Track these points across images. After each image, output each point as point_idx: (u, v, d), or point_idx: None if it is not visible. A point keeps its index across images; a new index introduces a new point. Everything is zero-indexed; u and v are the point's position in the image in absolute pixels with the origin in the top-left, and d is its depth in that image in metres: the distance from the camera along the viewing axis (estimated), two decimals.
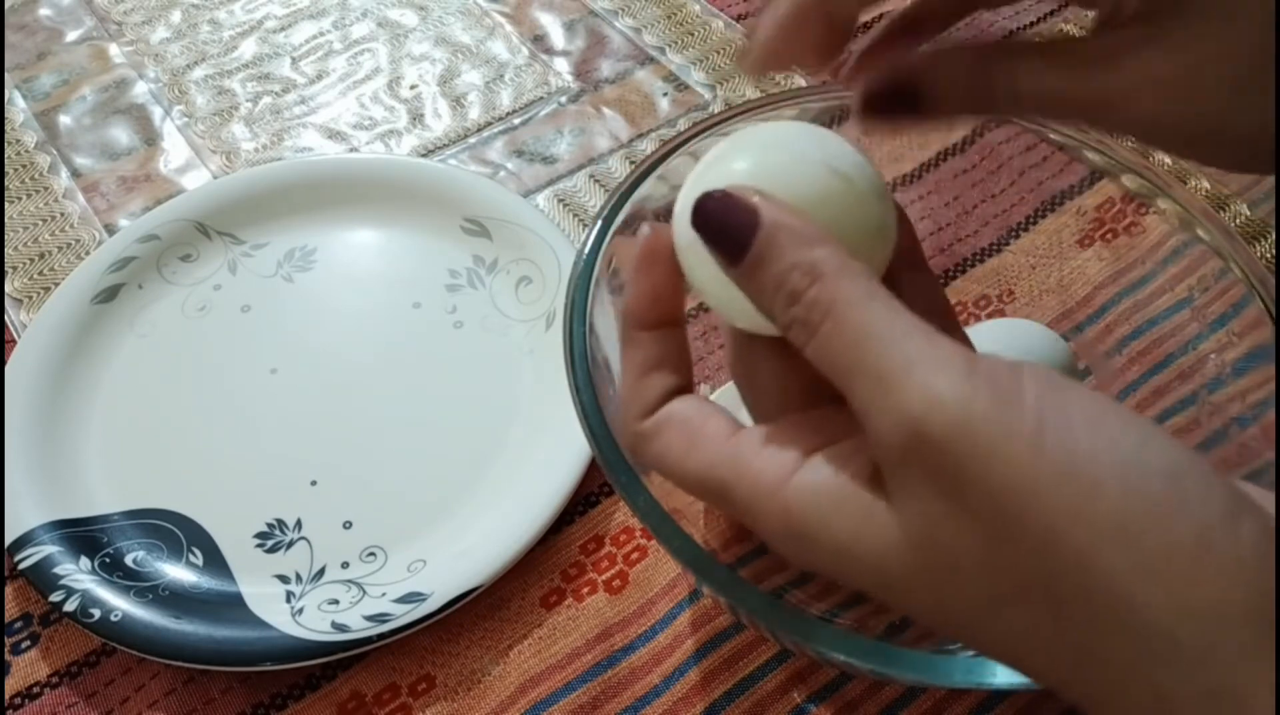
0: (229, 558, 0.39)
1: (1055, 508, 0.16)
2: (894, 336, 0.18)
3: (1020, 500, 0.16)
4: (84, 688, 0.37)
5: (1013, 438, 0.16)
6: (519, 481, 0.40)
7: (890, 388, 0.17)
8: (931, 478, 0.17)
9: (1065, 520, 0.16)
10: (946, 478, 0.17)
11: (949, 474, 0.17)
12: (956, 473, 0.17)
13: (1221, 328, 0.33)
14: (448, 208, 0.49)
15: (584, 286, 0.31)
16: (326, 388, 0.44)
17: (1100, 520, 0.16)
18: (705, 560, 0.26)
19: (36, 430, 0.41)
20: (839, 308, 0.19)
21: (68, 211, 0.52)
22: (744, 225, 0.20)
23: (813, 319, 0.19)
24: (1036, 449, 0.16)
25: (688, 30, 0.61)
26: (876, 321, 0.18)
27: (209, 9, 0.63)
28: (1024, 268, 0.43)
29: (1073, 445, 0.16)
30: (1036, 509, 0.16)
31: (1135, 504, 0.16)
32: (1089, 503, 0.16)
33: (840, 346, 0.18)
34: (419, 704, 0.36)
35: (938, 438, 0.16)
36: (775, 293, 0.20)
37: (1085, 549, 0.16)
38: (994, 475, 0.16)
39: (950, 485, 0.17)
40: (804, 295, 0.19)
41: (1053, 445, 0.16)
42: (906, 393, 0.17)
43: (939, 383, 0.17)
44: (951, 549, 0.17)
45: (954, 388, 0.17)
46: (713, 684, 0.36)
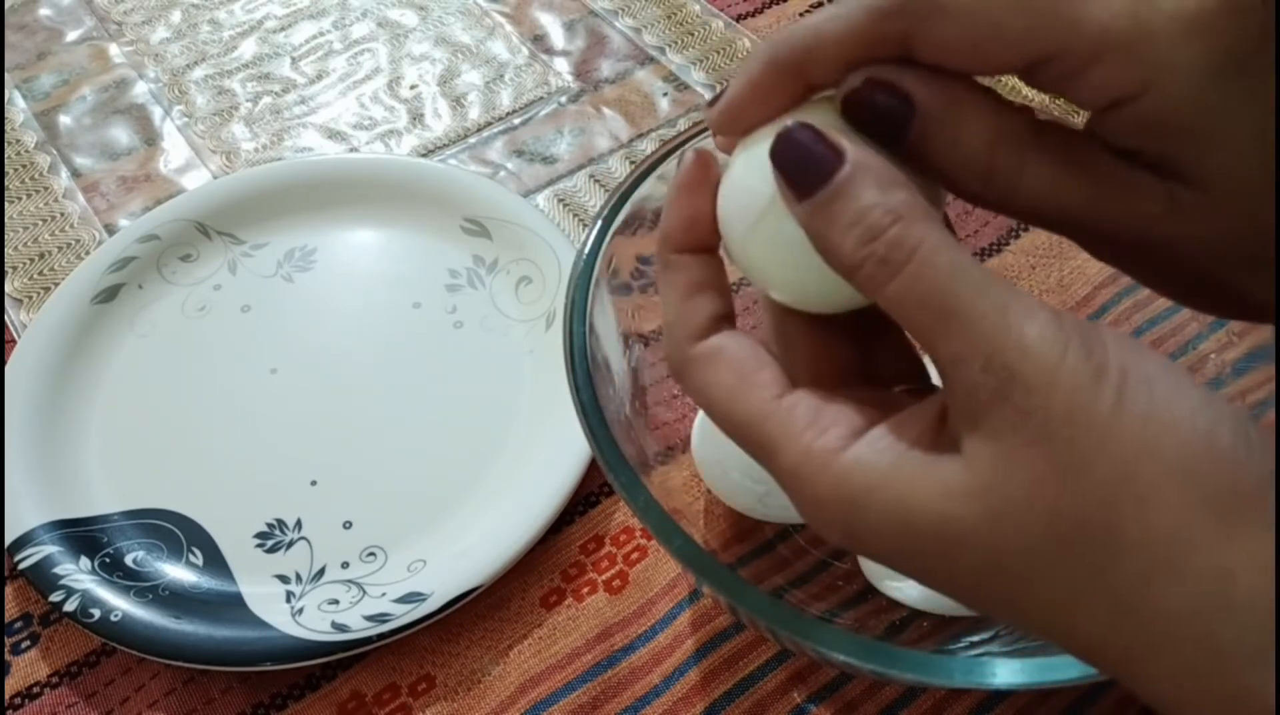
0: (229, 558, 0.39)
1: (1130, 444, 0.16)
2: (984, 281, 0.18)
3: (1099, 436, 0.16)
4: (84, 688, 0.37)
5: (1101, 385, 0.17)
6: (519, 481, 0.40)
7: (986, 330, 0.17)
8: (1020, 418, 0.17)
9: (1137, 455, 0.16)
10: (1036, 419, 0.17)
11: (1034, 417, 0.17)
12: (1042, 415, 0.17)
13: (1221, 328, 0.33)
14: (448, 208, 0.49)
15: (584, 286, 0.31)
16: (326, 388, 0.44)
17: (1170, 458, 0.16)
18: (705, 560, 0.26)
19: (36, 430, 0.41)
20: (926, 249, 0.18)
21: (68, 211, 0.52)
22: (828, 157, 0.19)
23: (894, 258, 0.18)
24: (1119, 394, 0.17)
25: (688, 30, 0.61)
26: (966, 265, 0.18)
27: (209, 9, 0.63)
28: (1024, 268, 0.43)
29: (1150, 392, 0.17)
30: (1113, 445, 0.16)
31: (1203, 447, 0.16)
32: (1162, 440, 0.16)
33: (929, 287, 0.18)
34: (419, 704, 0.36)
35: (1029, 382, 0.17)
36: (850, 228, 0.19)
37: (1153, 484, 0.16)
38: (1079, 413, 0.17)
39: (1038, 426, 0.17)
40: (885, 232, 0.18)
41: (1133, 391, 0.17)
42: (1004, 336, 0.17)
43: (1033, 328, 0.17)
44: (1024, 487, 0.17)
45: (1047, 334, 0.17)
46: (713, 684, 0.36)
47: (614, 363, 0.33)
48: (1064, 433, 0.17)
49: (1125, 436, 0.16)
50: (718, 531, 0.39)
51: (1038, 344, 0.17)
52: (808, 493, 0.19)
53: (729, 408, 0.21)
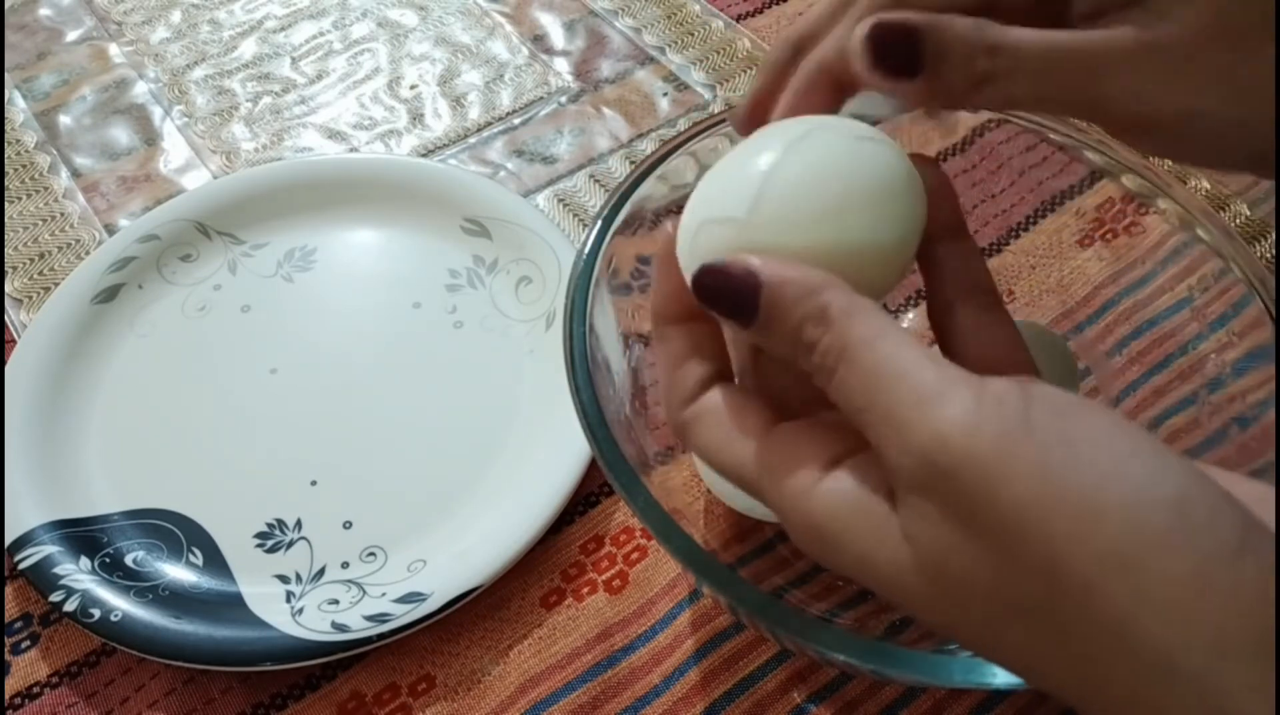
0: (229, 558, 0.39)
1: (1059, 534, 0.16)
2: (902, 371, 0.18)
3: (1025, 525, 0.16)
4: (84, 688, 0.37)
5: (1018, 465, 0.17)
6: (519, 481, 0.40)
7: (901, 425, 0.18)
8: (943, 506, 0.17)
9: (1068, 546, 0.16)
10: (957, 505, 0.17)
11: (960, 502, 0.17)
12: (967, 500, 0.17)
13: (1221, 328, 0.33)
14: (448, 208, 0.49)
15: (584, 286, 0.31)
16: (326, 388, 0.44)
17: (1102, 548, 0.16)
18: (705, 560, 0.26)
19: (36, 430, 0.41)
20: (850, 351, 0.19)
21: (68, 211, 0.52)
22: (746, 291, 0.21)
23: (828, 365, 0.20)
24: (1042, 477, 0.16)
25: (688, 30, 0.61)
26: (886, 360, 0.19)
27: (209, 9, 0.63)
28: (1024, 268, 0.43)
29: (1078, 474, 0.16)
30: (1040, 534, 0.16)
31: (1137, 534, 0.16)
32: (1092, 530, 0.16)
33: (854, 388, 0.19)
34: (419, 704, 0.36)
35: (947, 469, 0.17)
36: (794, 347, 0.20)
37: (1087, 575, 0.16)
38: (1001, 501, 0.17)
39: (961, 512, 0.17)
40: (819, 344, 0.20)
41: (1058, 473, 0.16)
42: (916, 428, 0.18)
43: (946, 415, 0.17)
44: (961, 573, 0.18)
45: (961, 419, 0.17)
46: (713, 684, 0.36)
47: (614, 363, 0.33)
48: (988, 518, 0.17)
49: (1053, 523, 0.16)
50: (718, 531, 0.39)
51: (952, 432, 0.17)
52: (789, 526, 0.21)
53: (722, 462, 0.23)
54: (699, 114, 0.56)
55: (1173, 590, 0.16)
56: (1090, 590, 0.16)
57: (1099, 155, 0.34)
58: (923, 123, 0.38)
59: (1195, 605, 0.15)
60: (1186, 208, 0.33)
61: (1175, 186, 0.33)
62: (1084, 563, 0.16)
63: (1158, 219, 0.34)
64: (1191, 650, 0.15)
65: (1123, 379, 0.37)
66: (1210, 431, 0.32)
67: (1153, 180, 0.33)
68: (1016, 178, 0.42)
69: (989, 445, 0.17)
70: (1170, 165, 0.51)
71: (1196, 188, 0.50)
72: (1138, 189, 0.34)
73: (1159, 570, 0.16)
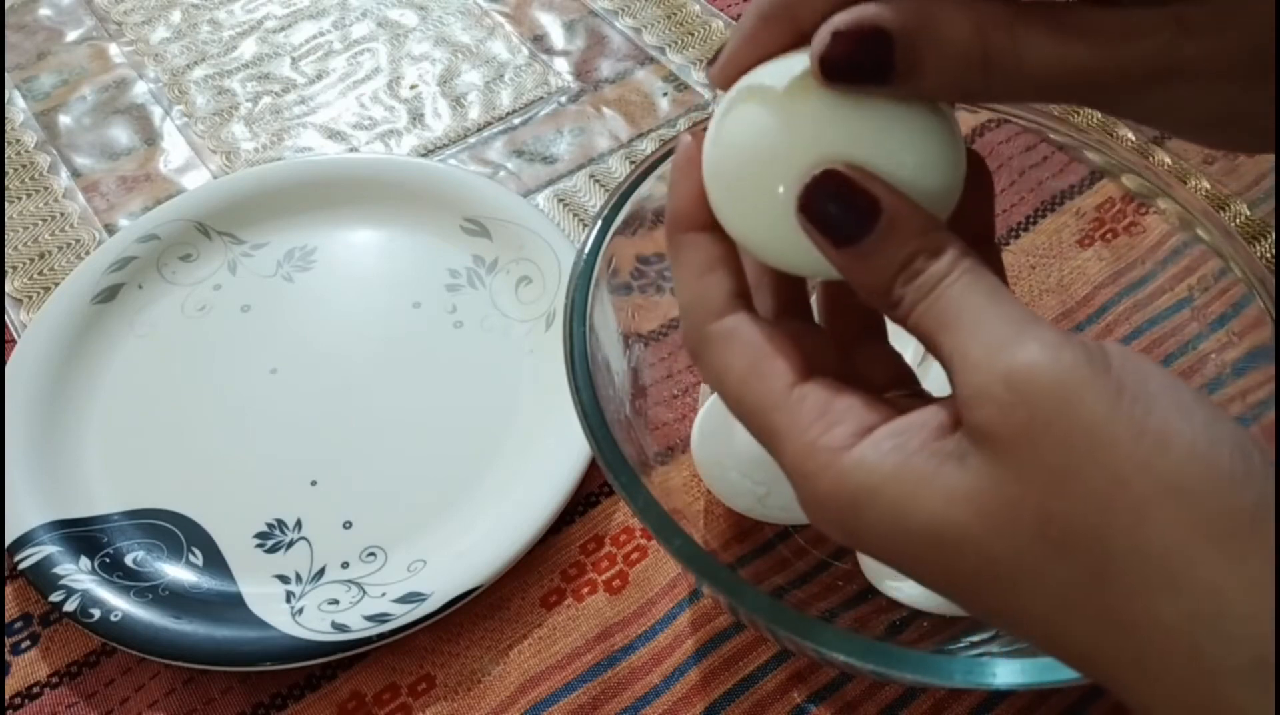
0: (229, 558, 0.39)
1: (1124, 456, 0.16)
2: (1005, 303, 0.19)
3: (1092, 444, 0.17)
4: (84, 688, 0.37)
5: (1099, 396, 0.17)
6: (519, 481, 0.40)
7: (994, 341, 0.18)
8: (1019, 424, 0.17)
9: (1131, 469, 0.16)
10: (1034, 426, 0.17)
11: (1033, 424, 0.17)
12: (1041, 422, 0.17)
13: (1221, 328, 0.33)
14: (448, 208, 0.49)
15: (584, 286, 0.31)
16: (326, 388, 0.44)
17: (1165, 474, 0.16)
18: (705, 560, 0.26)
19: (36, 430, 0.41)
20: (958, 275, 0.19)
21: (68, 211, 0.52)
22: (864, 211, 0.20)
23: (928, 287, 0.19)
24: (1115, 404, 0.17)
25: (688, 30, 0.61)
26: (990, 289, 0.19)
27: (209, 9, 0.63)
28: (1024, 268, 0.43)
29: (1148, 406, 0.17)
30: (1106, 454, 0.16)
31: (1200, 466, 0.16)
32: (1157, 456, 0.16)
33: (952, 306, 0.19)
34: (419, 704, 0.36)
35: (1032, 388, 0.17)
36: (892, 274, 0.20)
37: (1146, 499, 0.16)
38: (1075, 425, 0.17)
39: (1032, 433, 0.17)
40: (926, 269, 0.19)
41: (1130, 403, 0.17)
42: (1007, 347, 0.18)
43: (1036, 342, 0.17)
44: (1016, 488, 0.17)
45: (1049, 347, 0.17)
46: (713, 684, 0.36)
47: (614, 363, 0.33)
48: (1058, 438, 0.17)
49: (1120, 447, 0.16)
50: (718, 531, 0.39)
51: (1039, 356, 0.17)
52: (809, 488, 0.20)
53: (740, 393, 0.21)
54: (699, 114, 0.56)
55: (1235, 523, 0.16)
56: (1146, 515, 0.16)
57: (1099, 155, 0.34)
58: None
59: (1257, 538, 0.16)
60: (1186, 208, 0.33)
61: (1175, 186, 0.33)
62: (1145, 485, 0.16)
63: (1158, 219, 0.34)
64: (1250, 586, 0.15)
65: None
66: None
67: (1152, 180, 0.33)
68: (1016, 178, 0.42)
69: (1069, 370, 0.17)
70: (1170, 165, 0.51)
71: (1196, 188, 0.50)
72: (1138, 189, 0.34)
73: (1220, 503, 0.16)
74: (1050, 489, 0.17)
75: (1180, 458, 0.16)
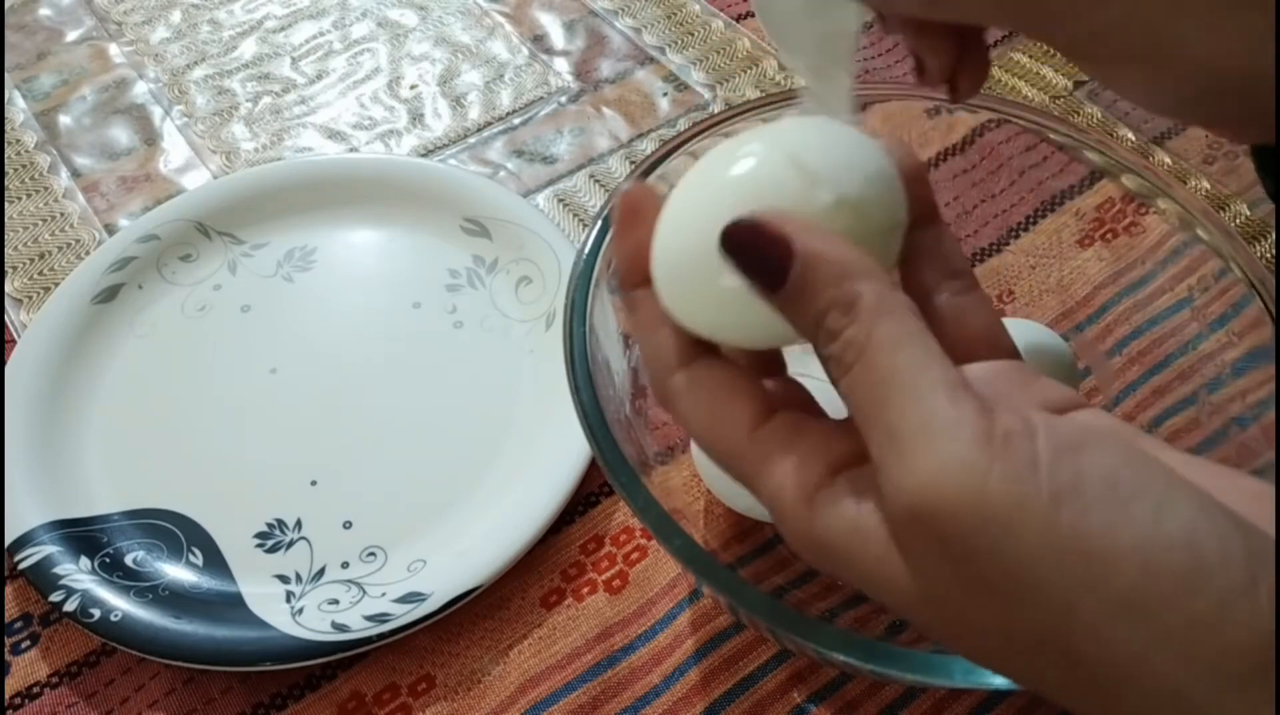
0: (229, 558, 0.39)
1: (1070, 583, 0.16)
2: (918, 391, 0.17)
3: (1035, 574, 0.16)
4: (84, 688, 0.37)
5: (1027, 512, 0.16)
6: (519, 481, 0.40)
7: (904, 448, 0.17)
8: (939, 543, 0.17)
9: (1080, 595, 0.16)
10: (956, 545, 0.17)
11: (958, 542, 0.17)
12: (967, 542, 0.16)
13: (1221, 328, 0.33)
14: (448, 208, 0.49)
15: (584, 286, 0.31)
16: (326, 388, 0.44)
17: (1116, 597, 0.16)
18: (705, 560, 0.26)
19: (36, 430, 0.41)
20: (870, 352, 0.18)
21: (68, 211, 0.52)
22: (778, 257, 0.19)
23: (846, 359, 0.19)
24: (1050, 525, 0.16)
25: (688, 30, 0.61)
26: (903, 372, 0.18)
27: (209, 9, 0.63)
28: (1024, 268, 0.43)
29: (1087, 521, 0.16)
30: (1051, 584, 0.16)
31: (1150, 580, 0.16)
32: (1104, 579, 0.16)
33: (864, 393, 0.18)
34: (419, 704, 0.36)
35: (948, 507, 0.16)
36: (815, 328, 0.19)
37: (1101, 623, 0.16)
38: (1008, 548, 0.16)
39: (960, 552, 0.17)
40: (841, 334, 0.19)
41: (1067, 521, 0.16)
42: (919, 457, 0.17)
43: (952, 450, 0.17)
44: (963, 609, 0.17)
45: (967, 457, 0.16)
46: (713, 684, 0.36)
47: (614, 363, 0.33)
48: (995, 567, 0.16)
49: (1058, 572, 0.16)
50: (718, 531, 0.39)
51: (957, 470, 0.16)
52: (783, 528, 0.20)
53: (707, 442, 0.21)
54: (699, 114, 0.56)
55: (1191, 631, 0.15)
56: (1102, 637, 0.16)
57: (1099, 155, 0.34)
58: (923, 123, 0.38)
59: (1215, 642, 0.15)
60: (1186, 208, 0.33)
61: (1175, 186, 0.33)
62: (1095, 611, 0.16)
63: (1158, 219, 0.34)
64: (1214, 685, 0.15)
65: (1123, 379, 0.37)
66: (1210, 431, 0.32)
67: (1152, 180, 0.33)
68: (1016, 178, 0.42)
69: (996, 487, 0.16)
70: (1170, 165, 0.51)
71: (1196, 188, 0.50)
72: (1138, 189, 0.34)
73: (1175, 614, 0.15)
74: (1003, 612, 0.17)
75: (1127, 575, 0.16)
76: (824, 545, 0.19)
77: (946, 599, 0.17)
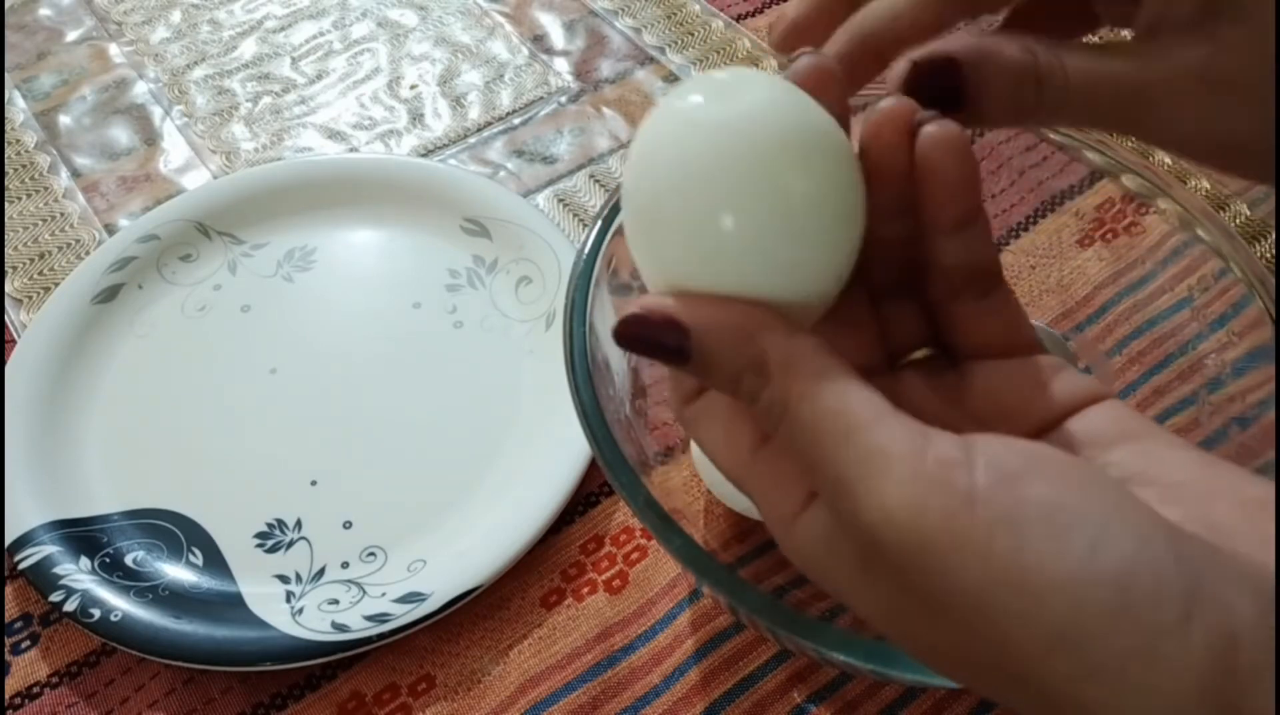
0: (229, 558, 0.39)
1: (1005, 614, 0.16)
2: (846, 432, 0.18)
3: (974, 604, 0.17)
4: (84, 688, 0.37)
5: (963, 544, 0.16)
6: (519, 481, 0.40)
7: (847, 493, 0.18)
8: (895, 572, 0.18)
9: (1014, 627, 0.16)
10: (907, 576, 0.17)
11: (908, 574, 0.17)
12: (914, 573, 0.17)
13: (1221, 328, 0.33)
14: (448, 208, 0.49)
15: (584, 286, 0.31)
16: (326, 388, 0.44)
17: (1046, 629, 0.16)
18: (705, 560, 0.26)
19: (36, 430, 0.41)
20: (792, 407, 0.19)
21: (68, 211, 0.52)
22: (672, 341, 0.20)
23: (772, 417, 0.19)
24: (985, 557, 0.16)
25: (688, 30, 0.61)
26: (828, 418, 0.18)
27: (209, 9, 0.63)
28: (1024, 268, 0.43)
29: (1021, 555, 0.16)
30: (988, 615, 0.16)
31: (1078, 613, 0.16)
32: (1035, 612, 0.16)
33: (799, 447, 0.19)
34: (419, 704, 0.36)
35: (894, 542, 0.17)
36: (735, 392, 0.20)
37: (1035, 654, 0.16)
38: (949, 580, 0.17)
39: (910, 582, 0.17)
40: (760, 397, 0.19)
41: (1001, 552, 0.16)
42: (862, 501, 0.17)
43: (889, 491, 0.17)
44: (922, 630, 0.18)
45: (905, 496, 0.17)
46: (713, 684, 0.36)
47: (614, 363, 0.33)
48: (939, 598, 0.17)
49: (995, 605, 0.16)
50: (718, 531, 0.39)
51: (898, 509, 0.17)
52: (781, 546, 0.21)
53: (720, 463, 0.22)
54: None
55: (1121, 664, 0.16)
56: (1039, 666, 0.16)
57: (1099, 155, 0.34)
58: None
59: (1144, 679, 0.16)
60: (1186, 208, 0.33)
61: (1175, 186, 0.33)
62: (1030, 643, 0.16)
63: (1158, 219, 0.34)
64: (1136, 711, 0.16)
65: (1123, 379, 0.37)
66: (1210, 431, 0.32)
67: (1153, 180, 0.33)
68: (1016, 178, 0.42)
69: (934, 527, 0.17)
70: (1170, 165, 0.51)
71: (1196, 188, 0.50)
72: (1138, 189, 0.34)
73: (1103, 647, 0.16)
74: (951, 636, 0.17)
75: (1058, 607, 0.16)
76: (807, 561, 0.20)
77: (908, 619, 0.18)
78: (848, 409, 0.18)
